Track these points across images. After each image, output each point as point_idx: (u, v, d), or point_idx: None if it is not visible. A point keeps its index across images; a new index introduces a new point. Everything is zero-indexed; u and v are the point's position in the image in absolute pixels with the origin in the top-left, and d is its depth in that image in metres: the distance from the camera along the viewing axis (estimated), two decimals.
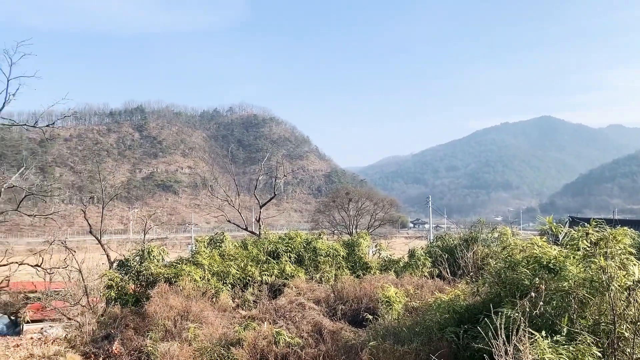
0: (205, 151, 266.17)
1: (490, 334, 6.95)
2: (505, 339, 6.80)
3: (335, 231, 71.95)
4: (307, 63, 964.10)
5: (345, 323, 12.52)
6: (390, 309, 11.67)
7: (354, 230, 67.34)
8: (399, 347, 9.36)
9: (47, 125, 21.83)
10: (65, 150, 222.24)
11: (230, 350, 10.88)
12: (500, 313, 7.41)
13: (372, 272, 18.32)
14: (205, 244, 19.63)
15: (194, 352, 10.65)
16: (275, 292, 16.63)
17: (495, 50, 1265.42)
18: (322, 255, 19.04)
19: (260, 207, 29.10)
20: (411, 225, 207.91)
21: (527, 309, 7.54)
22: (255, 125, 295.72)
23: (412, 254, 19.74)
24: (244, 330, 11.45)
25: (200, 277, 15.96)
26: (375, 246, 22.48)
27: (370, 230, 60.70)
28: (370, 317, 11.86)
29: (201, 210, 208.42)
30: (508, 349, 6.76)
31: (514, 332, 6.84)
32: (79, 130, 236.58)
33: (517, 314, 7.38)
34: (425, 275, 17.72)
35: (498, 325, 6.86)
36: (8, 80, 21.78)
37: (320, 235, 21.32)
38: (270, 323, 12.27)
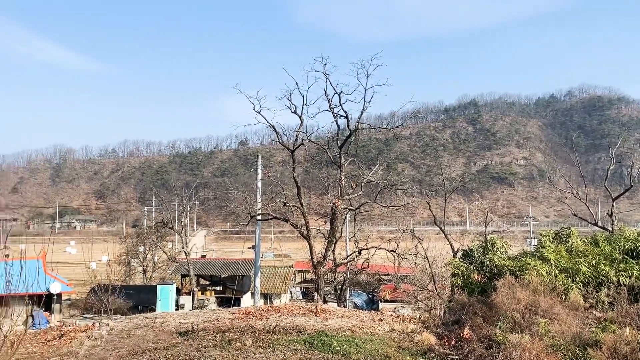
0: (541, 140, 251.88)
1: None
2: None
3: None
4: None
5: None
6: None
7: None
8: None
9: (397, 127, 24.59)
10: (406, 147, 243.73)
11: (586, 351, 10.28)
12: None
13: None
14: (550, 238, 18.80)
15: (546, 348, 10.46)
16: (635, 295, 14.78)
17: None
18: None
19: (613, 200, 26.16)
20: None
21: None
22: (600, 108, 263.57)
23: None
24: (602, 332, 10.63)
25: (546, 273, 15.44)
26: None
27: None
28: None
29: (539, 203, 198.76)
30: None
31: None
32: (417, 128, 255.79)
33: None
34: None
35: None
36: (365, 90, 25.56)
37: None
38: (633, 328, 11.04)
